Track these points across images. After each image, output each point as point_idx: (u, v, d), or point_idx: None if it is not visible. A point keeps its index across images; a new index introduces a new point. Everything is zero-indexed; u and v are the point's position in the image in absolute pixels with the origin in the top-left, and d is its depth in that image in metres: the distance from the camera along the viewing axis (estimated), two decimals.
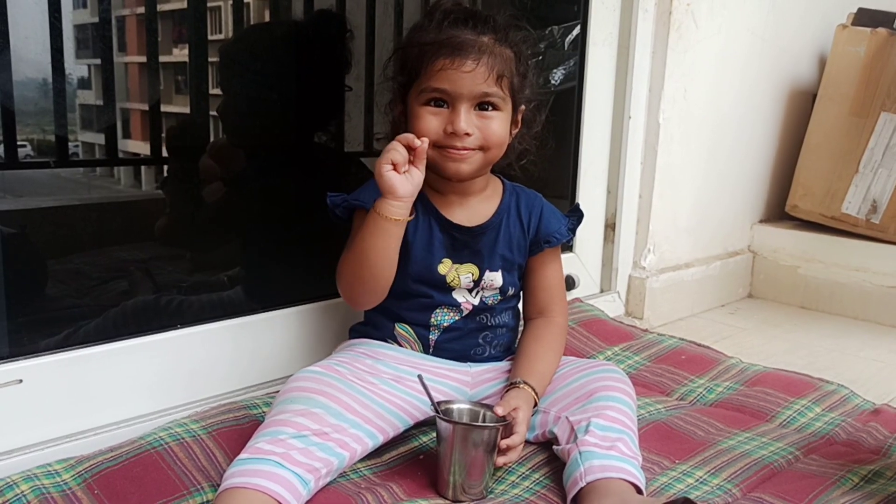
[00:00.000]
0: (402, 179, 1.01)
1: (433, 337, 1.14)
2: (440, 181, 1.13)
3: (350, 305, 1.14)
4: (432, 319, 1.13)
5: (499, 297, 1.16)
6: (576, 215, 1.23)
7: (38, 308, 1.11)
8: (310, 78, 1.35)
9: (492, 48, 1.06)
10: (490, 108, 1.07)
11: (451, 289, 1.13)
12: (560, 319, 1.21)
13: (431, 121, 1.06)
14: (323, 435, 0.93)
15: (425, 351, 1.15)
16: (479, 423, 1.00)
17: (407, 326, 1.14)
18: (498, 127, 1.08)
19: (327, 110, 1.41)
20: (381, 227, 1.03)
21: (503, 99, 1.08)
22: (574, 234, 1.23)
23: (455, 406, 1.02)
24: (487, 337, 1.17)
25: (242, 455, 0.89)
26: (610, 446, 0.99)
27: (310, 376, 1.01)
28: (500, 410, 1.00)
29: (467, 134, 1.05)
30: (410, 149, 1.01)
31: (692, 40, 1.81)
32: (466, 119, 1.05)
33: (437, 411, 0.98)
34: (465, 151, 1.07)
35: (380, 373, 1.07)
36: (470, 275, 1.13)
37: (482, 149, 1.08)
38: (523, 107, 1.14)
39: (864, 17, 2.07)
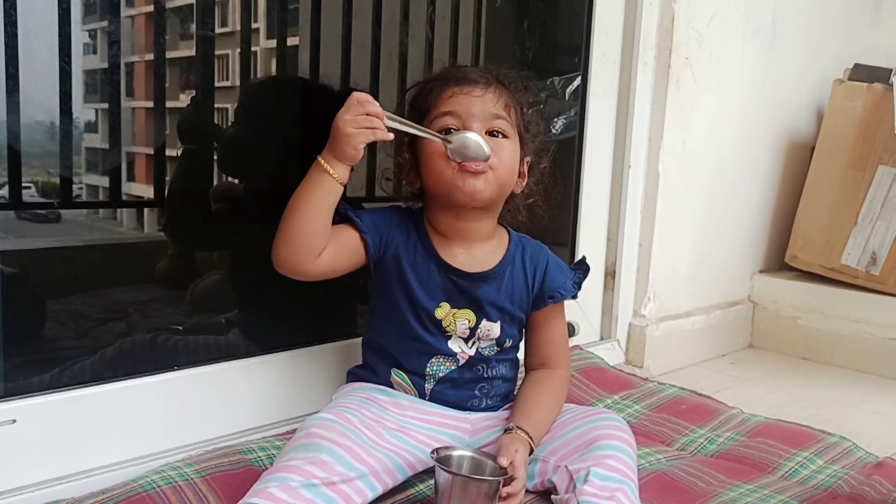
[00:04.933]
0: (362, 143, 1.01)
1: (429, 386, 1.13)
2: (446, 224, 1.12)
3: (274, 263, 1.07)
4: (428, 368, 1.12)
5: (496, 349, 1.15)
6: (582, 269, 1.20)
7: (35, 348, 1.11)
8: (308, 124, 1.37)
9: (495, 81, 1.10)
10: (500, 135, 1.09)
11: (448, 335, 1.12)
12: (563, 371, 1.20)
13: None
14: (331, 485, 0.91)
15: (421, 398, 1.14)
16: (480, 477, 0.97)
17: (403, 374, 1.13)
18: (508, 154, 1.09)
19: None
20: (323, 181, 1.02)
21: (511, 128, 1.10)
22: (580, 288, 1.19)
23: (455, 454, 1.00)
24: (483, 388, 1.16)
25: (251, 498, 0.87)
26: (609, 496, 0.97)
27: (322, 423, 0.99)
28: (504, 461, 0.98)
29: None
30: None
31: (691, 93, 1.84)
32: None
33: (436, 460, 0.96)
34: (481, 165, 1.06)
35: (385, 422, 1.06)
36: (466, 321, 1.13)
37: (493, 168, 1.07)
38: (528, 158, 1.15)
39: (861, 73, 2.10)
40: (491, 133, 1.09)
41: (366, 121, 1.00)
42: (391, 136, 1.02)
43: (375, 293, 1.16)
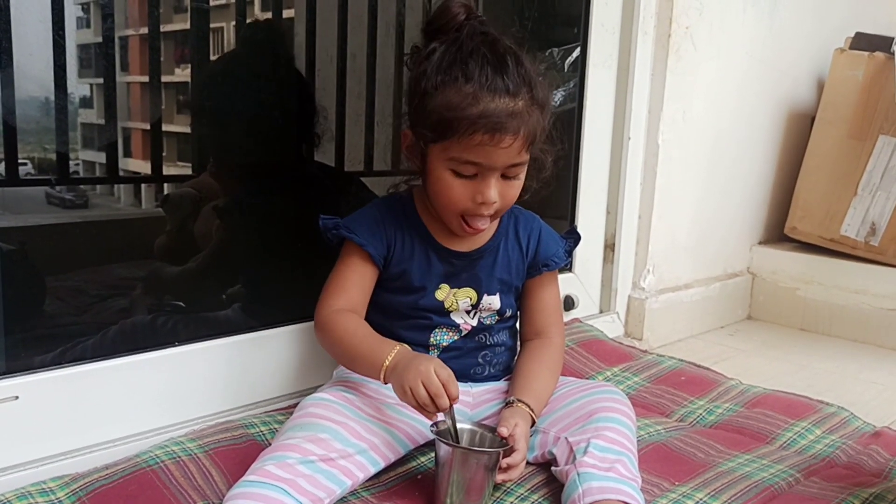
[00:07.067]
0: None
1: (433, 355, 1.13)
2: None
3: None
4: (431, 339, 1.14)
5: (496, 318, 1.17)
6: (573, 237, 1.23)
7: (36, 324, 1.11)
8: (294, 94, 1.36)
9: (526, 112, 1.01)
10: (515, 175, 1.06)
11: (450, 312, 1.14)
12: (557, 340, 1.21)
13: (460, 191, 1.04)
14: (329, 461, 0.92)
15: None
16: (479, 448, 0.98)
17: (406, 346, 1.13)
18: (516, 191, 1.08)
19: (305, 125, 1.40)
20: (372, 372, 1.02)
21: (526, 162, 1.07)
22: (571, 256, 1.23)
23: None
24: (487, 356, 1.17)
25: (249, 476, 0.88)
26: (609, 468, 0.98)
27: (319, 402, 1.01)
28: (504, 431, 0.99)
29: (493, 202, 1.05)
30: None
31: (691, 63, 1.83)
32: (495, 189, 1.04)
33: (436, 433, 0.97)
34: (487, 220, 1.07)
35: (384, 398, 1.07)
36: (468, 299, 1.14)
37: (497, 213, 1.09)
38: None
39: (862, 42, 2.09)
40: (505, 175, 1.05)
41: (424, 401, 0.95)
42: (438, 417, 0.97)
43: (376, 280, 1.15)
